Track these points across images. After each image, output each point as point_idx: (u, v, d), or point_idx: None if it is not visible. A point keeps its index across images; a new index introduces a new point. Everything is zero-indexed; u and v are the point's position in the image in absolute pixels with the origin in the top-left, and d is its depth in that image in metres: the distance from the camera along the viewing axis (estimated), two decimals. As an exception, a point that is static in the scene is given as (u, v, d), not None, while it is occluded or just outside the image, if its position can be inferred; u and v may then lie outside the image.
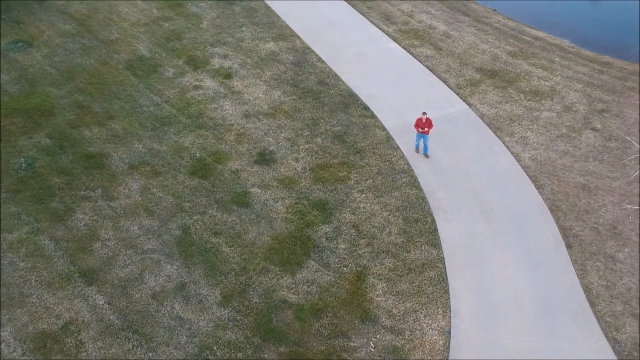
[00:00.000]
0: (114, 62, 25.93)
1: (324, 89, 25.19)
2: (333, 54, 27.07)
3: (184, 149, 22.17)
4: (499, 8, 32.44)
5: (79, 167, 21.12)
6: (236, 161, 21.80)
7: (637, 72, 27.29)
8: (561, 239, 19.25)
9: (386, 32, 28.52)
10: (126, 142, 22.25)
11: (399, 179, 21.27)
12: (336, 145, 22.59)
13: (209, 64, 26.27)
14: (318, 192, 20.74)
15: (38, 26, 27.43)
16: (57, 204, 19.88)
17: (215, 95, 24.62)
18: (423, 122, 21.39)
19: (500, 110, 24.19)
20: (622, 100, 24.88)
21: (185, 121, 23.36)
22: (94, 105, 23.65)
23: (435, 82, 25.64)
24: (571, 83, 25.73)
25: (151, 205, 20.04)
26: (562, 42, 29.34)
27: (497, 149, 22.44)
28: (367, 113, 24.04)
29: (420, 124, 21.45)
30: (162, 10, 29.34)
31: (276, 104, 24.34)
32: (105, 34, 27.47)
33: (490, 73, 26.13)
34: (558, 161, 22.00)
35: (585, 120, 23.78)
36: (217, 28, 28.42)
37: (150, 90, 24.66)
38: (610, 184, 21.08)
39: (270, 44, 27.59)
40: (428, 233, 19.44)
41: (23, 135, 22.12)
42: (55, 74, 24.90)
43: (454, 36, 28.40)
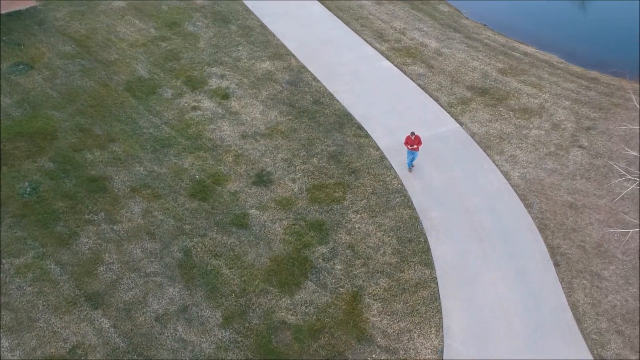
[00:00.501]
0: (113, 83, 26.53)
1: (319, 108, 25.86)
2: (328, 73, 27.73)
3: (184, 171, 22.82)
4: (489, 23, 33.18)
5: (82, 191, 21.75)
6: (235, 182, 22.46)
7: (622, 87, 28.06)
8: (549, 258, 20.00)
9: (379, 50, 29.20)
10: (127, 165, 22.88)
11: (392, 199, 21.98)
12: (331, 165, 23.27)
13: (206, 84, 26.91)
14: (314, 213, 21.42)
15: (38, 48, 28.00)
16: (61, 228, 20.51)
17: (213, 116, 25.26)
18: (412, 140, 22.23)
19: (491, 129, 24.92)
20: (608, 117, 25.65)
21: (185, 142, 24.00)
22: (95, 128, 24.27)
23: (427, 100, 26.35)
24: (559, 100, 26.48)
25: (153, 228, 20.68)
26: (551, 58, 30.09)
27: (487, 168, 23.17)
28: (361, 132, 24.73)
29: (410, 141, 22.29)
30: (160, 30, 29.94)
31: (273, 124, 25.00)
32: (104, 54, 28.06)
33: (480, 91, 26.85)
34: (546, 179, 22.75)
35: (572, 138, 24.53)
36: (213, 47, 29.04)
37: (149, 112, 25.28)
38: (596, 202, 21.83)
39: (266, 63, 28.23)
40: (421, 253, 20.15)
41: (27, 159, 22.73)
42: (56, 97, 25.49)
43: (445, 54, 29.11)
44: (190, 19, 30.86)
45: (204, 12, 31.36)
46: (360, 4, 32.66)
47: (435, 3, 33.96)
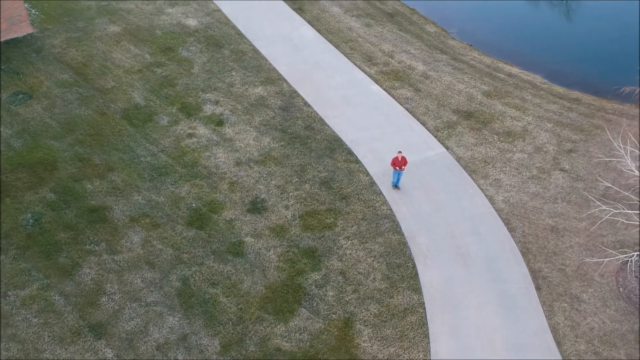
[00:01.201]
0: (111, 111, 27.34)
1: (311, 134, 26.76)
2: (318, 98, 28.63)
3: (181, 199, 23.68)
4: (475, 42, 34.17)
5: (83, 221, 22.58)
6: (230, 210, 23.35)
7: (603, 108, 29.12)
8: (531, 281, 21.00)
9: (368, 74, 30.12)
10: (126, 194, 23.72)
11: (382, 225, 22.93)
12: (323, 191, 24.19)
13: (201, 110, 27.76)
14: (307, 240, 22.35)
15: (37, 76, 28.76)
16: (64, 259, 21.34)
17: (209, 143, 26.12)
18: (399, 161, 23.37)
19: (476, 153, 25.89)
20: (588, 139, 26.68)
21: (181, 170, 24.86)
22: (94, 158, 25.09)
23: (415, 124, 27.30)
24: (542, 123, 27.48)
25: (152, 258, 21.55)
26: (534, 79, 31.12)
27: (472, 192, 24.15)
28: (351, 158, 25.66)
29: (397, 162, 23.41)
30: (155, 56, 30.73)
31: (266, 151, 25.89)
32: (101, 82, 28.85)
33: (466, 114, 27.82)
34: (529, 203, 23.75)
35: (554, 161, 25.54)
36: (207, 73, 29.88)
37: (146, 140, 26.11)
38: (576, 225, 22.86)
39: (259, 88, 29.09)
40: (409, 278, 21.12)
41: (29, 191, 23.53)
42: (55, 127, 26.28)
43: (432, 77, 30.06)
44: (184, 44, 31.68)
45: (197, 37, 32.18)
46: (350, 26, 33.57)
47: (422, 23, 34.93)
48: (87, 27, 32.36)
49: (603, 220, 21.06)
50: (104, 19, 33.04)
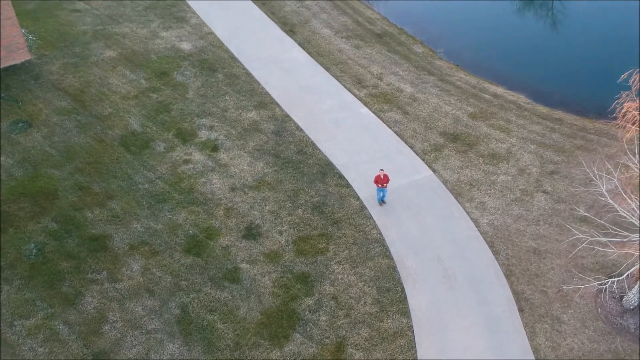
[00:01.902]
0: (108, 138, 28.20)
1: (303, 158, 27.71)
2: (310, 121, 29.56)
3: (178, 226, 24.59)
4: (462, 62, 35.19)
5: (85, 250, 23.47)
6: (226, 237, 24.27)
7: (584, 127, 30.19)
8: (514, 303, 22.04)
9: (358, 97, 31.08)
10: (125, 222, 24.61)
11: (372, 249, 23.91)
12: (315, 216, 25.15)
13: (196, 136, 28.64)
14: (301, 265, 23.31)
15: (36, 104, 29.57)
16: (67, 288, 22.23)
17: (204, 169, 27.03)
18: (382, 178, 24.60)
19: (462, 176, 26.91)
20: (570, 160, 27.73)
21: (178, 197, 25.75)
22: (94, 186, 25.95)
23: (403, 148, 28.28)
24: (525, 144, 28.52)
25: (152, 286, 22.47)
26: (518, 99, 32.17)
27: (458, 216, 25.16)
28: (342, 182, 26.63)
29: (379, 180, 24.64)
30: (150, 81, 31.59)
31: (260, 176, 26.82)
32: (98, 109, 29.68)
33: (452, 137, 28.82)
34: (512, 225, 24.79)
35: (537, 183, 26.59)
36: (202, 98, 30.76)
37: (144, 167, 26.98)
38: (557, 247, 23.91)
39: (252, 112, 30.00)
40: (399, 302, 22.12)
41: (31, 220, 24.39)
42: (55, 155, 27.12)
43: (420, 99, 31.05)
44: (179, 68, 32.54)
45: (191, 61, 33.05)
46: (340, 48, 34.52)
47: (410, 44, 35.91)
48: (84, 52, 33.17)
49: (583, 244, 22.04)
50: (99, 43, 33.88)
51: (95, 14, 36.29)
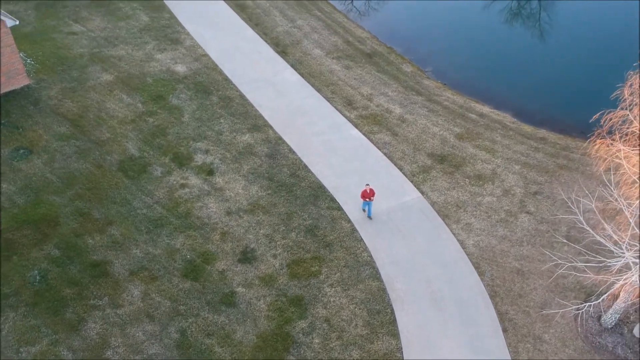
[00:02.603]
0: (107, 164, 29.09)
1: (296, 181, 28.69)
2: (302, 144, 30.53)
3: (176, 251, 25.54)
4: (449, 81, 36.23)
5: (87, 277, 24.40)
6: (222, 261, 25.25)
7: (567, 146, 31.28)
8: (499, 324, 23.11)
9: (348, 118, 32.06)
10: (125, 248, 25.55)
11: (362, 272, 24.93)
12: (308, 239, 26.15)
13: (192, 160, 29.58)
14: (294, 288, 24.31)
15: (36, 130, 30.43)
16: (70, 314, 23.17)
17: (200, 193, 27.97)
18: (368, 193, 26.08)
19: (449, 197, 27.95)
20: (552, 180, 28.81)
21: (175, 222, 26.69)
22: (93, 212, 26.86)
23: (393, 169, 29.30)
24: (510, 165, 29.59)
25: (152, 311, 23.43)
26: (504, 118, 33.22)
27: (445, 237, 26.21)
28: (333, 205, 27.62)
29: (366, 194, 26.12)
30: (146, 105, 32.48)
31: (254, 199, 27.79)
32: (96, 134, 30.57)
33: (439, 158, 29.85)
34: (497, 247, 25.86)
35: (521, 203, 27.66)
36: (197, 121, 31.68)
37: (142, 192, 27.91)
38: (540, 267, 24.99)
39: (247, 135, 30.95)
40: (388, 324, 23.16)
41: (34, 247, 25.29)
42: (56, 182, 28.01)
43: (408, 120, 32.07)
44: (174, 91, 33.44)
45: (186, 84, 33.96)
46: (331, 69, 35.49)
47: (399, 63, 36.91)
48: (81, 76, 34.03)
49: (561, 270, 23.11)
50: (96, 67, 34.74)
51: (91, 37, 37.13)
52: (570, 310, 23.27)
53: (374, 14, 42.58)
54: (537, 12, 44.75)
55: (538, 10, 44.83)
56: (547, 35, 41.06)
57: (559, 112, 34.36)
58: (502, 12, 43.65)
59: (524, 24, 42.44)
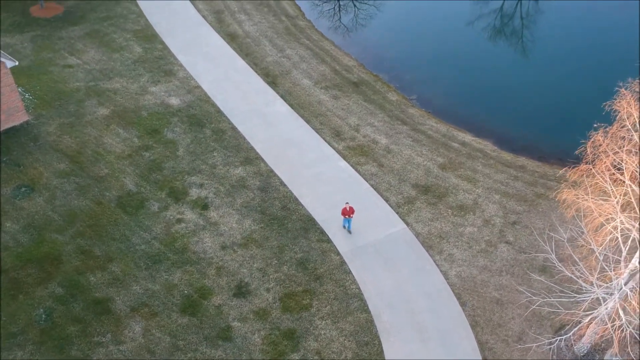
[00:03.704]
0: (106, 200, 30.39)
1: (287, 214, 30.10)
2: (293, 176, 31.93)
3: (174, 287, 26.92)
4: (433, 109, 37.73)
5: (90, 314, 25.74)
6: (218, 296, 26.65)
7: (545, 174, 32.88)
8: (479, 353, 24.67)
9: (337, 150, 33.50)
10: (125, 284, 26.89)
11: (351, 304, 26.41)
12: (299, 272, 27.59)
13: (187, 194, 30.92)
14: (287, 322, 25.75)
15: (36, 167, 31.67)
16: (76, 351, 24.51)
17: (196, 228, 29.34)
18: (347, 211, 28.17)
19: (432, 228, 29.46)
20: (531, 209, 30.38)
21: (173, 257, 28.06)
22: (94, 249, 28.18)
23: (379, 201, 30.77)
24: (490, 195, 31.14)
25: (152, 346, 24.81)
26: (485, 146, 34.77)
27: (429, 269, 27.72)
28: (323, 237, 29.07)
29: (345, 212, 28.26)
30: (142, 139, 33.77)
31: (248, 233, 29.19)
32: (95, 170, 31.84)
33: (424, 189, 31.36)
34: (478, 277, 27.40)
35: (500, 233, 29.22)
36: (191, 155, 33.02)
37: (140, 227, 29.24)
38: (518, 297, 26.56)
39: (239, 169, 32.32)
40: (376, 355, 24.65)
41: (39, 286, 26.59)
42: (58, 219, 29.28)
43: (394, 150, 33.54)
44: (169, 125, 34.74)
45: (180, 117, 35.27)
46: (319, 99, 36.90)
47: (385, 91, 38.37)
48: (78, 110, 35.26)
49: (535, 306, 24.67)
50: (93, 100, 35.98)
51: (87, 69, 38.34)
52: (546, 333, 24.83)
53: (359, 40, 43.93)
54: (520, 30, 46.35)
55: (520, 29, 46.44)
56: (529, 57, 42.65)
57: (538, 138, 35.96)
58: (486, 30, 45.15)
59: (507, 42, 43.99)
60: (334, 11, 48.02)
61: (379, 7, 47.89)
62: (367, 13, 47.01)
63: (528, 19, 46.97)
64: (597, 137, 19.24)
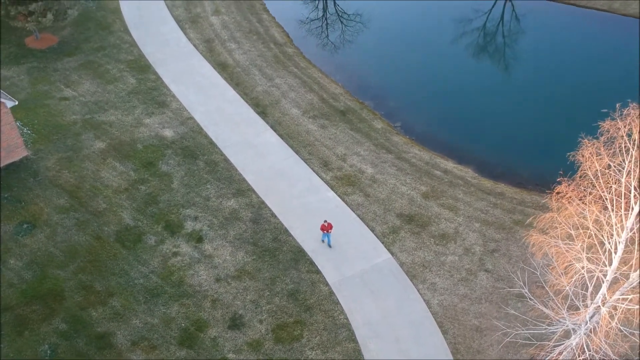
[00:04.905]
0: (105, 235, 31.83)
1: (278, 245, 31.66)
2: (283, 208, 33.47)
3: (172, 320, 28.42)
4: (416, 136, 39.37)
5: (93, 349, 27.22)
6: (214, 328, 28.18)
7: (523, 201, 34.59)
8: (459, 380, 26.38)
9: (325, 180, 35.07)
10: (126, 319, 28.37)
11: (340, 334, 28.03)
12: (290, 303, 29.16)
13: (183, 227, 32.40)
14: (279, 353, 27.34)
15: (37, 203, 33.05)
16: (80, 386, 26.02)
17: (191, 261, 30.84)
18: (326, 226, 30.40)
19: (416, 257, 31.11)
20: (509, 237, 32.09)
21: (170, 291, 29.56)
22: (95, 284, 29.63)
23: (365, 231, 32.37)
24: (471, 223, 32.82)
25: (153, 379, 26.35)
26: (466, 173, 36.44)
27: (413, 298, 29.38)
28: (313, 268, 30.65)
29: (324, 228, 30.52)
30: (138, 172, 35.20)
31: (241, 265, 30.72)
32: (93, 204, 33.26)
33: (407, 218, 33.00)
34: (459, 305, 29.08)
35: (480, 262, 30.91)
36: (186, 187, 34.49)
37: (138, 262, 30.71)
38: (496, 324, 28.26)
39: (232, 201, 33.83)
40: (363, 384, 26.31)
41: (44, 322, 28.03)
42: (59, 255, 30.71)
43: (379, 180, 35.16)
44: (163, 157, 36.18)
45: (174, 149, 36.70)
46: (307, 129, 38.44)
47: (371, 119, 39.96)
48: (76, 144, 36.63)
49: (508, 338, 26.34)
50: (89, 134, 37.35)
51: (82, 102, 39.70)
52: None
53: (345, 65, 45.47)
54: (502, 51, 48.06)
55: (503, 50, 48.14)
56: (510, 83, 44.38)
57: (517, 164, 37.68)
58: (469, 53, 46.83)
59: (490, 66, 45.66)
60: (321, 29, 49.66)
61: (366, 23, 49.80)
62: (353, 36, 48.51)
63: (511, 45, 48.62)
64: (560, 188, 20.90)
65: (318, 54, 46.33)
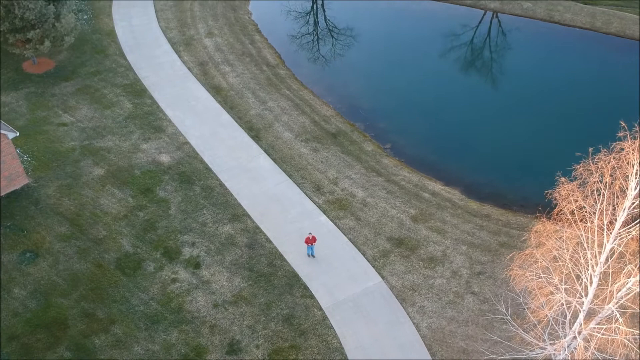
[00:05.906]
0: (105, 262, 32.97)
1: (273, 270, 32.91)
2: (277, 233, 34.70)
3: (172, 346, 29.64)
4: (405, 158, 40.67)
5: (96, 376, 28.42)
6: (212, 354, 29.42)
7: (508, 222, 35.96)
8: (447, 401, 27.73)
9: (317, 204, 36.32)
10: (128, 346, 29.56)
11: (333, 358, 29.31)
12: (285, 328, 30.43)
13: (180, 254, 33.59)
14: (275, 377, 28.63)
15: (39, 231, 34.14)
16: (85, 413, 27.20)
17: (190, 287, 32.03)
18: (310, 239, 32.20)
19: (405, 281, 32.43)
20: (494, 259, 33.46)
21: (170, 317, 30.75)
22: (97, 312, 30.79)
23: (357, 255, 33.66)
24: (458, 246, 34.16)
25: (155, 405, 27.56)
26: (454, 195, 37.78)
27: (403, 321, 30.70)
28: (307, 293, 31.92)
29: (309, 240, 32.38)
30: (136, 198, 36.33)
31: (237, 291, 31.95)
32: (94, 232, 34.38)
33: (397, 242, 34.31)
34: (446, 328, 30.43)
35: (467, 284, 32.25)
36: (183, 213, 35.65)
37: (138, 288, 31.88)
38: (482, 345, 29.64)
39: (228, 226, 35.02)
40: (355, 406, 27.62)
41: (49, 351, 29.17)
42: (62, 284, 31.83)
43: (370, 203, 36.45)
44: (161, 183, 37.33)
45: (171, 174, 37.84)
46: (300, 153, 39.66)
47: (361, 142, 41.22)
48: (75, 171, 37.71)
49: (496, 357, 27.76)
50: (88, 160, 38.43)
51: (80, 127, 40.75)
52: (506, 386, 27.94)
53: (336, 87, 46.69)
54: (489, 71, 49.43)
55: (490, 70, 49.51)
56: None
57: (503, 185, 39.04)
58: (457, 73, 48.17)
59: (477, 81, 47.01)
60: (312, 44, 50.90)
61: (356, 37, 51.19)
62: (343, 50, 49.73)
63: (498, 64, 49.98)
64: (539, 227, 22.25)
65: (309, 76, 47.52)
